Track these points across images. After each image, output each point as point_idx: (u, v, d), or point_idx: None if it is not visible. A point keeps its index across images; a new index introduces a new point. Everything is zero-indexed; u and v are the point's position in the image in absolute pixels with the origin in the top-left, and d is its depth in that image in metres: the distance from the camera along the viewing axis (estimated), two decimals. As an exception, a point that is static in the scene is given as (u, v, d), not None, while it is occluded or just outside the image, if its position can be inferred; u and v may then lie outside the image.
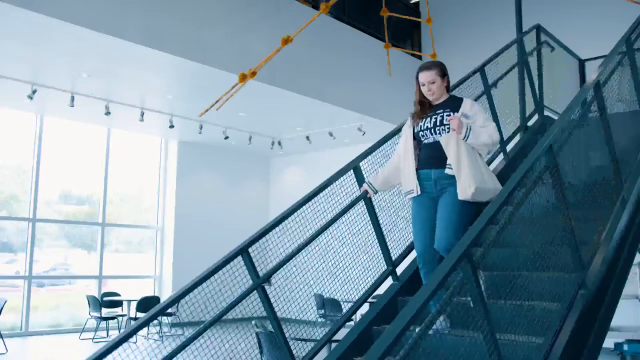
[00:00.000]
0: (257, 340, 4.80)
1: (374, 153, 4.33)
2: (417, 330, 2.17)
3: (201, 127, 11.44)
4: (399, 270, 4.35)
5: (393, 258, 4.27)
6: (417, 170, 3.71)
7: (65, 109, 9.91)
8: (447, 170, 3.55)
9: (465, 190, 3.43)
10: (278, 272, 3.70)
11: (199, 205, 13.33)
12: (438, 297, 2.32)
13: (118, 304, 10.72)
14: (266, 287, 3.55)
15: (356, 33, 10.90)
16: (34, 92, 9.05)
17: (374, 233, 4.18)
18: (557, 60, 6.89)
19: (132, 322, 10.11)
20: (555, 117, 6.42)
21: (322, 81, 9.96)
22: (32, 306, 10.77)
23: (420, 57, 12.25)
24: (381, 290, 4.29)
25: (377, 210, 4.17)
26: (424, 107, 3.80)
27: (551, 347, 2.98)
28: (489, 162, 5.42)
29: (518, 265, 3.15)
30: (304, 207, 3.91)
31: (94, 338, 10.07)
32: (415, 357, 2.97)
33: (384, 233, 4.22)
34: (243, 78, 6.19)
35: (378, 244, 4.21)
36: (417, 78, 3.79)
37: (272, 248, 3.79)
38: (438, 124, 3.68)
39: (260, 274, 3.58)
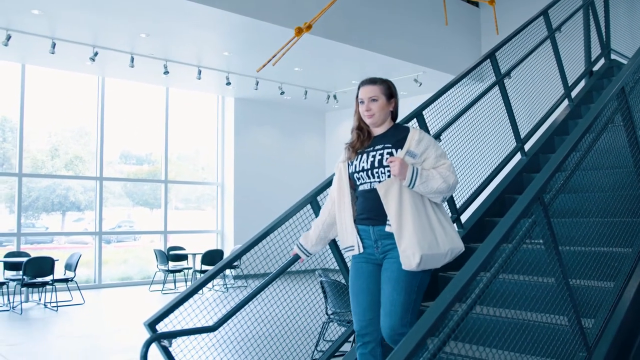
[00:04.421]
0: (321, 289, 4.97)
1: (437, 101, 4.29)
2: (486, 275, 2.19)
3: (257, 83, 11.53)
4: (463, 218, 4.38)
5: (457, 206, 4.28)
6: (354, 222, 2.94)
7: (125, 69, 10.17)
8: (387, 228, 2.79)
9: (408, 260, 2.68)
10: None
11: (256, 160, 13.56)
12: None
13: (184, 257, 11.17)
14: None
15: (411, -19, 10.66)
16: (96, 54, 9.29)
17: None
18: (625, 0, 6.60)
19: (198, 274, 10.54)
20: (624, 62, 6.19)
21: (376, 32, 9.83)
22: (103, 260, 11.35)
23: (477, 4, 11.91)
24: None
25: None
26: (362, 138, 2.96)
27: (622, 291, 2.98)
28: (551, 112, 5.30)
29: (589, 211, 3.13)
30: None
31: (162, 290, 10.55)
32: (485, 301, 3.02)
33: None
34: (299, 32, 6.21)
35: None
36: (357, 96, 2.98)
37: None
38: (377, 164, 2.85)
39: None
